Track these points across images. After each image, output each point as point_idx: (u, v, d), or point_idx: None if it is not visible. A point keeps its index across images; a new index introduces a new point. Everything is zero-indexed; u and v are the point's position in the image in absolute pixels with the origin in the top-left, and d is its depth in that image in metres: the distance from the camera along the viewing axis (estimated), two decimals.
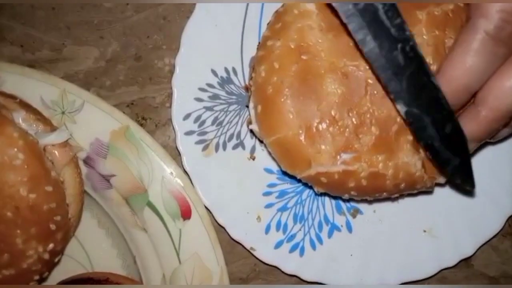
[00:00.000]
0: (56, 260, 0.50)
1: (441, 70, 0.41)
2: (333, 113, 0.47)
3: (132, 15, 0.61)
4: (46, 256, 0.47)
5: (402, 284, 0.59)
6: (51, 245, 0.46)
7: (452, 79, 0.39)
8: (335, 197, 0.60)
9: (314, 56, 0.47)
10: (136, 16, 0.62)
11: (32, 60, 0.61)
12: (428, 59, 0.46)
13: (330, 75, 0.47)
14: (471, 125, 0.41)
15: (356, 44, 0.43)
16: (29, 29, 0.61)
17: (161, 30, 0.62)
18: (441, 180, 0.51)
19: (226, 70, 0.58)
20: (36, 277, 0.48)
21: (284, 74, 0.47)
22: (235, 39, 0.58)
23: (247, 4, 0.58)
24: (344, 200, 0.60)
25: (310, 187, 0.57)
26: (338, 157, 0.47)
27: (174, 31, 0.61)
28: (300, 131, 0.47)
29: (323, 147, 0.47)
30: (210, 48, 0.57)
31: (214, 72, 0.58)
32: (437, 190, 0.59)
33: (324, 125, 0.47)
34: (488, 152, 0.59)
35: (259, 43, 0.54)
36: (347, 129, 0.47)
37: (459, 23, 0.46)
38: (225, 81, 0.58)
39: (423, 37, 0.46)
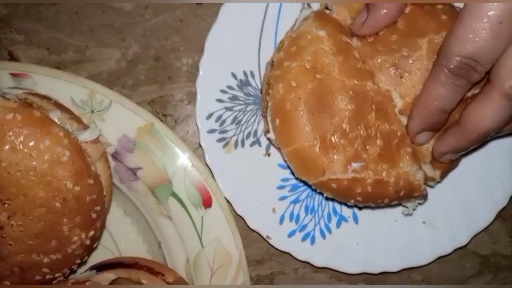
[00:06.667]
0: (95, 245, 0.55)
1: (419, 97, 0.51)
2: (344, 126, 0.52)
3: (151, 18, 0.66)
4: (88, 242, 0.52)
5: (403, 270, 0.65)
6: (92, 232, 0.51)
7: (427, 104, 0.50)
8: (341, 203, 0.65)
9: (327, 75, 0.52)
10: (155, 19, 0.66)
11: (57, 61, 0.65)
12: None
13: (342, 92, 0.52)
14: (454, 140, 0.51)
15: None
16: (54, 33, 0.65)
17: (179, 32, 0.66)
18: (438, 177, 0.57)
19: (245, 73, 0.63)
20: (78, 261, 0.53)
21: (301, 91, 0.52)
22: (253, 44, 0.62)
23: (265, 13, 0.62)
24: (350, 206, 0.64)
25: (319, 193, 0.61)
26: (349, 166, 0.52)
27: (191, 33, 0.65)
28: (315, 142, 0.52)
29: (335, 157, 0.52)
30: (231, 53, 0.61)
31: (234, 75, 0.62)
32: (436, 186, 0.64)
33: (336, 137, 0.52)
34: (484, 149, 0.64)
35: (274, 50, 0.59)
36: (357, 141, 0.52)
37: None
38: (243, 84, 0.63)
39: (423, 62, 0.51)
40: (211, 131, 0.61)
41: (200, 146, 0.61)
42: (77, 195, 0.48)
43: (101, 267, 0.60)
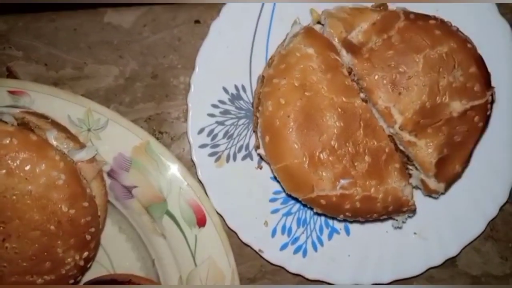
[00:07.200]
0: (89, 265, 0.55)
1: None
2: (332, 143, 0.53)
3: (149, 36, 0.66)
4: (82, 262, 0.52)
5: (394, 281, 0.65)
6: (86, 253, 0.52)
7: None
8: (332, 218, 0.65)
9: (316, 93, 0.53)
10: (153, 37, 0.66)
11: (55, 78, 0.65)
12: (424, 97, 0.52)
13: (330, 110, 0.53)
14: None
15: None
16: (52, 49, 0.66)
17: (176, 51, 0.66)
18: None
19: (236, 87, 0.64)
20: (71, 281, 0.54)
21: (290, 109, 0.53)
22: (245, 58, 0.63)
23: (256, 27, 0.63)
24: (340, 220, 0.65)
25: (309, 208, 0.62)
26: (337, 182, 0.53)
27: (189, 51, 0.66)
28: (304, 159, 0.53)
29: (324, 174, 0.53)
30: (222, 68, 0.62)
31: (225, 90, 0.63)
32: (427, 197, 0.65)
33: (325, 154, 0.53)
34: (473, 161, 0.64)
35: (265, 65, 0.59)
36: (345, 158, 0.53)
37: (452, 64, 0.53)
38: (235, 98, 0.64)
39: (420, 78, 0.52)
40: (203, 145, 0.62)
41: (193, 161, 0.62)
42: (71, 218, 0.49)
43: (94, 284, 0.60)
